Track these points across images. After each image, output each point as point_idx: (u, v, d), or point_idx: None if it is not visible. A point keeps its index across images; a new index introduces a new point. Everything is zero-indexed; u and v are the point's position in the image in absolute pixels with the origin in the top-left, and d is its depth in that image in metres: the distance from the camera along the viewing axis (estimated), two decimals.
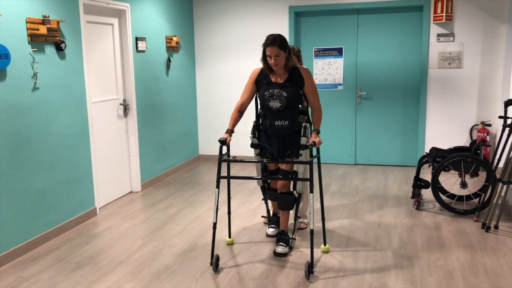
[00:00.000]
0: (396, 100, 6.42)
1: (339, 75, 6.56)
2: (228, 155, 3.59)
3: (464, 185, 4.50)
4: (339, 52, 6.52)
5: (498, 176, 4.24)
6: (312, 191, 3.29)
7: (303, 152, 3.55)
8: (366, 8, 6.28)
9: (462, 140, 6.13)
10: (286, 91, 3.42)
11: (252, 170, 6.32)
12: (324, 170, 6.33)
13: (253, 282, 3.24)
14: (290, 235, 3.82)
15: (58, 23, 4.08)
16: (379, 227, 4.22)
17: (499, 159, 4.50)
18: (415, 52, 6.24)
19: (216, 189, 3.40)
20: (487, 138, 5.89)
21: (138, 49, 5.39)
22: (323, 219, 3.72)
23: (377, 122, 6.53)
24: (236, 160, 3.46)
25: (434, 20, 5.98)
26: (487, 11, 5.82)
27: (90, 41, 4.69)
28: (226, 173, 3.90)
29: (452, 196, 4.69)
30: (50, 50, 4.04)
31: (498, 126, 5.70)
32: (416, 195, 4.76)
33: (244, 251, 3.75)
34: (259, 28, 6.59)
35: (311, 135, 3.53)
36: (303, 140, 3.53)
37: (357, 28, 6.41)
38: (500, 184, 4.10)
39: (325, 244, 3.73)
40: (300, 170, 3.59)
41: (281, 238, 3.70)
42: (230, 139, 3.46)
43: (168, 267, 3.50)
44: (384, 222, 4.36)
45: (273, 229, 4.00)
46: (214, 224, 3.45)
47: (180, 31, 6.46)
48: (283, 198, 3.65)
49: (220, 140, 3.39)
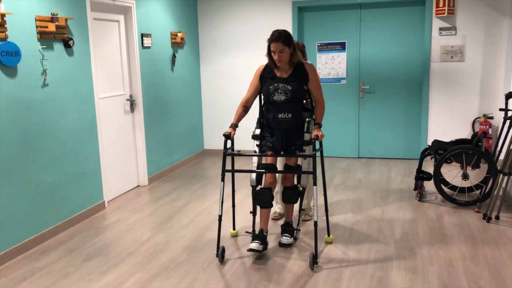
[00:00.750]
0: (399, 93, 6.48)
1: (342, 69, 6.63)
2: (233, 149, 3.63)
3: (465, 177, 4.57)
4: (342, 46, 6.58)
5: (499, 167, 4.31)
6: (315, 184, 3.34)
7: (306, 147, 3.57)
8: (368, 3, 6.33)
9: (465, 133, 6.18)
10: (291, 85, 3.46)
11: None
12: (328, 163, 6.41)
13: (258, 272, 3.33)
14: (294, 226, 3.91)
15: (66, 20, 4.16)
16: (382, 219, 4.30)
17: (500, 151, 4.56)
18: (418, 46, 6.29)
19: (221, 182, 3.46)
20: (489, 131, 5.95)
21: (144, 45, 5.48)
22: (326, 211, 3.80)
23: (380, 116, 6.60)
24: (240, 154, 3.49)
25: (436, 14, 6.02)
26: (489, 4, 5.86)
27: (97, 38, 4.78)
28: (230, 166, 3.97)
29: (454, 187, 4.76)
30: (58, 47, 4.13)
31: (500, 119, 5.75)
32: (419, 187, 4.83)
33: (249, 243, 3.82)
34: (263, 23, 6.65)
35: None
36: (307, 136, 3.56)
37: (359, 22, 6.46)
38: (501, 175, 4.18)
39: (328, 235, 3.80)
40: (304, 165, 3.63)
41: (286, 229, 3.78)
42: (234, 133, 3.50)
43: (176, 258, 3.60)
44: (386, 213, 4.44)
45: (257, 244, 3.48)
46: (220, 217, 3.51)
47: (185, 27, 6.53)
48: (287, 193, 3.69)
49: (224, 134, 3.44)
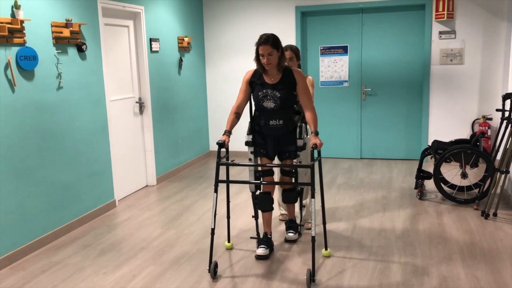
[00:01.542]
0: (400, 96, 6.64)
1: (344, 72, 6.79)
2: (227, 158, 3.54)
3: (464, 175, 4.72)
4: (344, 50, 6.75)
5: (497, 167, 4.46)
6: (313, 196, 3.20)
7: (300, 153, 3.54)
8: (370, 8, 6.50)
9: (464, 134, 6.33)
10: (279, 92, 3.41)
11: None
12: (331, 164, 6.56)
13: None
14: (298, 221, 4.05)
15: (80, 26, 4.34)
16: (384, 216, 4.46)
17: (497, 150, 4.71)
18: (418, 49, 6.46)
19: (214, 193, 3.30)
20: (488, 132, 6.10)
21: (152, 49, 5.66)
22: (324, 223, 3.56)
23: (381, 117, 6.76)
24: (234, 164, 3.35)
25: (436, 18, 6.19)
26: (487, 8, 6.03)
27: (108, 42, 4.96)
28: (225, 175, 3.89)
29: (453, 186, 4.91)
30: (72, 51, 4.31)
31: (498, 120, 5.90)
32: (419, 186, 4.98)
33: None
34: (267, 27, 6.82)
35: (307, 135, 3.62)
36: (300, 142, 3.52)
37: (361, 26, 6.63)
38: (498, 174, 4.33)
39: (326, 249, 3.62)
40: (300, 170, 3.60)
41: (290, 226, 3.94)
42: (228, 141, 3.39)
43: (186, 252, 3.76)
44: (388, 211, 4.59)
45: (263, 249, 3.59)
46: (212, 230, 3.32)
47: (191, 32, 6.72)
48: (286, 194, 3.72)
49: (218, 143, 3.27)
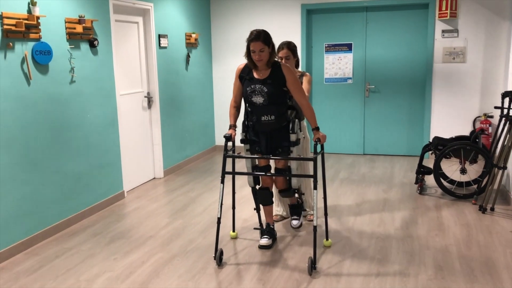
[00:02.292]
0: (403, 93, 6.76)
1: (348, 69, 6.91)
2: (234, 151, 3.62)
3: (463, 171, 4.85)
4: (349, 47, 6.87)
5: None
6: (316, 188, 3.32)
7: (293, 148, 3.52)
8: (374, 6, 6.62)
9: (466, 131, 6.43)
10: (267, 87, 3.39)
11: None
12: (334, 160, 6.70)
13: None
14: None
15: (92, 22, 4.50)
16: (384, 209, 4.59)
17: (496, 147, 4.83)
18: (421, 47, 6.57)
19: (221, 184, 3.48)
20: (489, 129, 6.21)
21: (161, 45, 5.81)
22: (325, 214, 3.73)
23: (384, 114, 6.88)
24: (240, 156, 3.45)
25: (439, 17, 6.30)
26: (490, 8, 6.13)
27: (118, 38, 5.11)
28: (231, 168, 3.94)
29: (452, 181, 5.04)
30: (84, 47, 4.47)
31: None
32: (420, 181, 5.11)
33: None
34: (273, 24, 6.95)
35: (300, 130, 3.65)
36: (293, 137, 3.50)
37: (366, 24, 6.75)
38: (496, 169, 4.45)
39: (327, 239, 3.76)
40: (292, 166, 3.56)
41: (293, 211, 3.97)
42: (235, 134, 3.48)
43: (192, 240, 3.92)
44: (388, 204, 4.73)
45: (266, 239, 3.75)
46: (219, 219, 3.46)
47: (198, 28, 6.86)
48: (283, 193, 3.77)
49: (225, 136, 3.40)
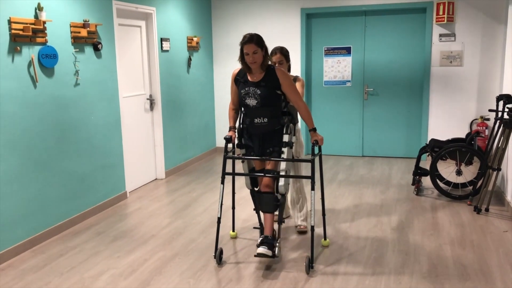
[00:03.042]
0: (401, 96, 6.86)
1: (347, 72, 7.02)
2: (234, 152, 3.65)
3: (459, 173, 4.95)
4: (347, 51, 6.98)
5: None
6: (313, 189, 3.36)
7: (285, 149, 3.45)
8: (373, 10, 6.73)
9: (463, 133, 6.54)
10: (260, 89, 3.40)
11: None
12: (333, 161, 6.80)
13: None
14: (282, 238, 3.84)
15: (96, 26, 4.60)
16: (381, 210, 4.69)
17: (491, 149, 4.93)
18: (419, 51, 6.68)
19: (221, 185, 3.55)
20: (486, 131, 6.31)
21: (163, 49, 5.92)
22: (323, 215, 3.79)
23: (383, 117, 6.98)
24: (240, 158, 3.48)
25: (436, 21, 6.40)
26: (486, 13, 6.23)
27: (122, 42, 5.22)
28: (231, 169, 4.02)
29: (448, 183, 5.13)
30: (89, 50, 4.57)
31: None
32: (416, 182, 5.21)
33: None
34: (273, 28, 7.07)
35: (294, 134, 3.66)
36: (286, 138, 3.47)
37: (364, 28, 6.86)
38: (490, 171, 4.55)
39: (325, 239, 3.82)
40: (282, 167, 3.47)
41: (264, 242, 3.40)
42: (235, 136, 3.52)
43: (193, 239, 4.02)
44: (385, 205, 4.83)
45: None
46: (219, 219, 3.51)
47: (200, 32, 6.97)
48: (264, 198, 3.47)
49: (225, 138, 3.44)
